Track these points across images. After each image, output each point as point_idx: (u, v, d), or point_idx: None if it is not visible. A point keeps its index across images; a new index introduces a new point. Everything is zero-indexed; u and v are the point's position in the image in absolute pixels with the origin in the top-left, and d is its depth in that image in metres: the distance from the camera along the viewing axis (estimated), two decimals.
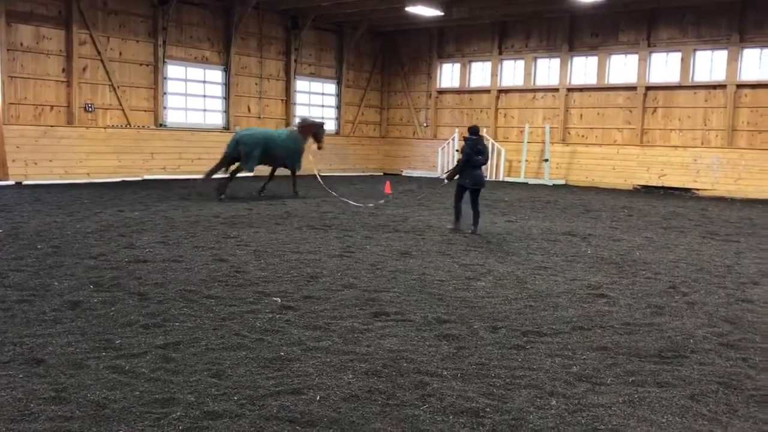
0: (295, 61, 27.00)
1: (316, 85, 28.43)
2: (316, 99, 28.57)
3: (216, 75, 24.55)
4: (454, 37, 29.49)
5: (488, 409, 4.21)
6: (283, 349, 5.28)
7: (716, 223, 14.51)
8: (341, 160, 28.76)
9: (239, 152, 16.42)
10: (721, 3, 23.20)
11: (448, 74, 30.13)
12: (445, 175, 14.32)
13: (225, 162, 16.86)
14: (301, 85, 27.63)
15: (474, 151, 11.88)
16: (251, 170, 17.46)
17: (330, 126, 29.10)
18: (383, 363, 5.00)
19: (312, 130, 18.08)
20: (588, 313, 6.66)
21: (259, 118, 26.06)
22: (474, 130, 12.18)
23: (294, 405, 4.20)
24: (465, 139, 12.20)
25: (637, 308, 6.92)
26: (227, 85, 24.77)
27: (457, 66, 29.70)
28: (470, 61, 29.37)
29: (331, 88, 29.03)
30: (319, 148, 18.46)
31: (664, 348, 5.58)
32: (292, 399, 4.29)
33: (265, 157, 16.88)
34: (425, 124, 30.52)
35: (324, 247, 10.04)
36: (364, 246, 10.20)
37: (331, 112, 29.22)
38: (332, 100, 29.18)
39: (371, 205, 15.52)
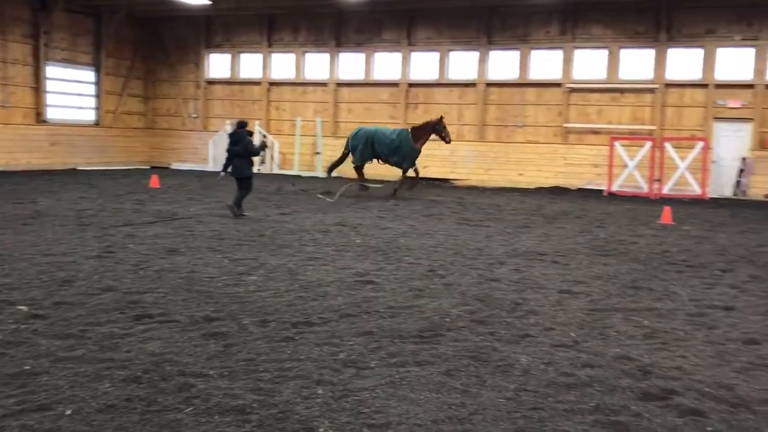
0: (45, 45, 24.62)
1: (72, 72, 26.20)
2: (72, 87, 26.32)
3: None
4: (222, 28, 28.85)
5: (255, 405, 4.16)
6: (29, 362, 4.77)
7: (470, 210, 15.80)
8: (101, 152, 26.80)
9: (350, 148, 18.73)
10: (471, 8, 25.23)
11: (218, 65, 29.40)
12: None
13: (343, 158, 19.19)
14: (53, 71, 25.27)
15: (231, 143, 12.96)
16: (358, 162, 18.77)
17: (89, 116, 27.01)
18: (144, 368, 4.72)
19: (428, 130, 18.33)
20: (355, 300, 6.88)
21: (4, 107, 23.41)
22: (237, 124, 13.27)
23: (39, 423, 3.81)
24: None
25: (401, 292, 7.29)
26: None
27: (227, 57, 29.09)
28: (240, 53, 28.93)
29: (88, 75, 26.94)
30: (447, 141, 18.75)
31: (424, 328, 5.93)
32: (37, 417, 3.89)
33: (370, 153, 18.46)
34: (194, 115, 29.53)
35: (80, 247, 9.28)
36: (126, 245, 9.60)
37: (90, 102, 27.14)
38: (90, 89, 27.10)
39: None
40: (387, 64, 26.95)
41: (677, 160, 21.68)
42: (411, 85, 26.43)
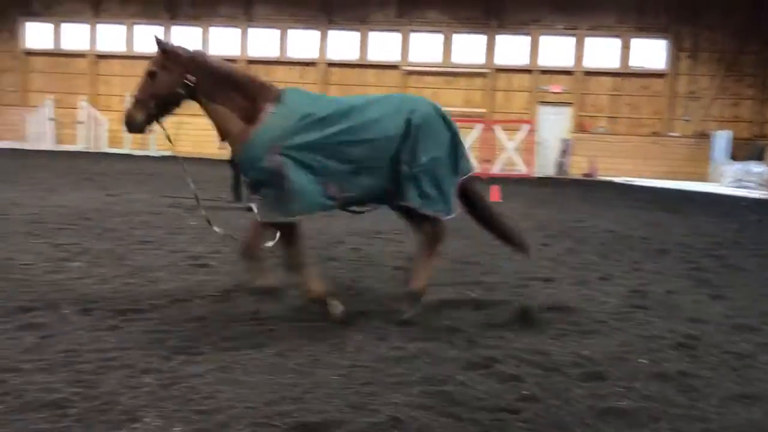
0: None
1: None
2: None
3: None
4: None
5: (75, 398, 3.91)
6: None
7: None
8: None
9: None
10: None
11: (38, 34, 27.14)
12: None
13: None
14: None
15: None
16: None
17: None
18: None
19: None
20: (188, 285, 6.66)
21: None
22: None
23: None
24: None
25: (236, 275, 7.14)
26: None
27: (49, 26, 26.94)
28: (63, 22, 26.89)
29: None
30: None
31: (259, 310, 5.86)
32: None
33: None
34: (11, 89, 27.13)
35: None
36: None
37: None
38: None
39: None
40: (225, 40, 26.22)
41: (505, 141, 22.97)
42: (251, 61, 25.90)
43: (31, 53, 26.94)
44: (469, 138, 22.96)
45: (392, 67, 25.33)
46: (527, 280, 7.54)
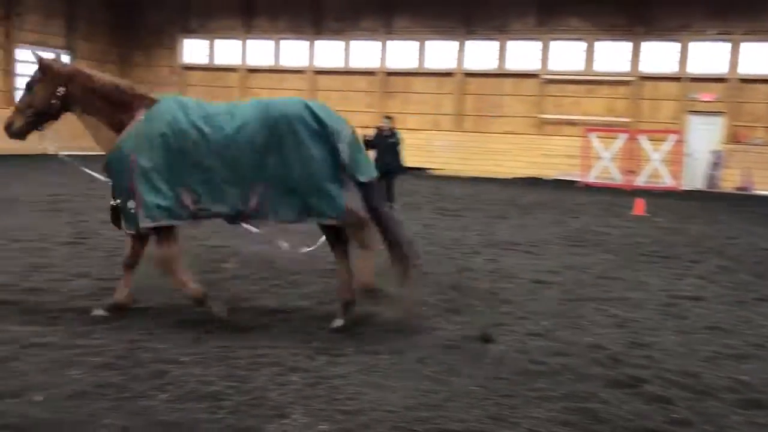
0: (16, 27, 24.17)
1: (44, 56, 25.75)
2: None
3: None
4: (199, 13, 28.56)
5: (229, 391, 4.17)
6: None
7: (446, 200, 15.86)
8: (77, 138, 26.46)
9: None
10: None
11: (195, 50, 29.15)
12: None
13: None
14: (25, 54, 24.81)
15: None
16: None
17: None
18: (117, 354, 4.70)
19: None
20: (328, 288, 6.89)
21: None
22: None
23: (9, 409, 3.78)
24: None
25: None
26: None
27: (205, 42, 28.86)
28: (217, 38, 28.70)
29: (62, 59, 26.52)
30: None
31: (398, 316, 5.95)
32: (6, 404, 3.86)
33: None
34: None
35: (53, 233, 9.16)
36: (99, 231, 9.50)
37: None
38: None
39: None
40: (365, 53, 26.91)
41: (651, 152, 21.93)
42: (389, 73, 26.41)
43: (188, 68, 28.98)
44: (612, 148, 22.14)
45: (531, 76, 24.96)
46: (675, 298, 7.16)
